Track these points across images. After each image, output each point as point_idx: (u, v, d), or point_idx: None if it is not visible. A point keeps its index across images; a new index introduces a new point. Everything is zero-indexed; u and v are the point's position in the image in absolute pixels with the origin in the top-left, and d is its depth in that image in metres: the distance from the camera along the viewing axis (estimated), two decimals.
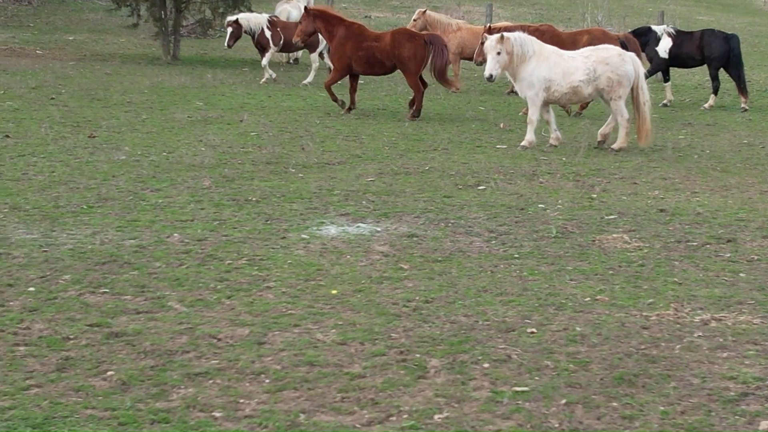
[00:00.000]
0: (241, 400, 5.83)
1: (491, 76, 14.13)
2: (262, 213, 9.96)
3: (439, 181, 11.79)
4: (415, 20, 22.18)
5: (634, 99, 14.60)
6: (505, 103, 20.41)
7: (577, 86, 14.50)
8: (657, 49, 20.48)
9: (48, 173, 11.53)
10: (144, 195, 10.60)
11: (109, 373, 6.14)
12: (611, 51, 15.00)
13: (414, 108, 17.68)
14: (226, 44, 23.12)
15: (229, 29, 22.69)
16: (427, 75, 17.89)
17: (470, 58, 22.87)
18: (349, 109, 18.01)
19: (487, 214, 10.16)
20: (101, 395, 5.86)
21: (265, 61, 22.48)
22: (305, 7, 18.82)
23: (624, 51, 15.20)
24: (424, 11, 22.53)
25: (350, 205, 10.40)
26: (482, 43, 17.98)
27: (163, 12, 27.66)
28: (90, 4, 37.72)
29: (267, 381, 6.10)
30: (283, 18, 24.87)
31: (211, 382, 6.06)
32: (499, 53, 14.09)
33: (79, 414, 5.60)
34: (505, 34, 14.40)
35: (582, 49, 15.56)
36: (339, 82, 18.26)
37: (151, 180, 11.33)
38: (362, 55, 17.50)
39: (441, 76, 17.77)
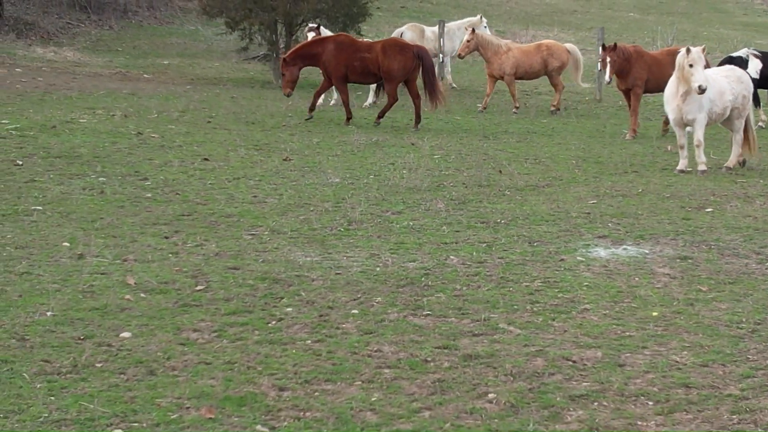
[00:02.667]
0: (639, 422, 5.85)
1: (706, 88, 13.52)
2: (521, 235, 9.98)
3: (663, 204, 11.75)
4: (468, 41, 21.98)
5: None
6: (642, 127, 20.31)
7: (728, 106, 14.43)
8: (748, 71, 20.25)
9: (277, 196, 11.63)
10: (389, 218, 10.66)
11: (491, 395, 6.18)
12: (739, 70, 15.02)
13: (379, 113, 18.63)
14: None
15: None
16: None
17: (523, 78, 22.91)
18: (348, 119, 18.64)
19: (742, 236, 10.12)
20: (496, 417, 5.90)
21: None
22: (282, 59, 18.86)
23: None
24: (473, 30, 22.43)
25: (599, 227, 10.40)
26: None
27: (274, 35, 27.92)
28: (175, 29, 37.93)
29: (651, 403, 6.10)
30: None
31: (596, 404, 6.08)
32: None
33: None
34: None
35: (714, 69, 15.50)
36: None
37: (383, 203, 11.39)
38: (357, 66, 18.19)
39: (432, 92, 18.22)
